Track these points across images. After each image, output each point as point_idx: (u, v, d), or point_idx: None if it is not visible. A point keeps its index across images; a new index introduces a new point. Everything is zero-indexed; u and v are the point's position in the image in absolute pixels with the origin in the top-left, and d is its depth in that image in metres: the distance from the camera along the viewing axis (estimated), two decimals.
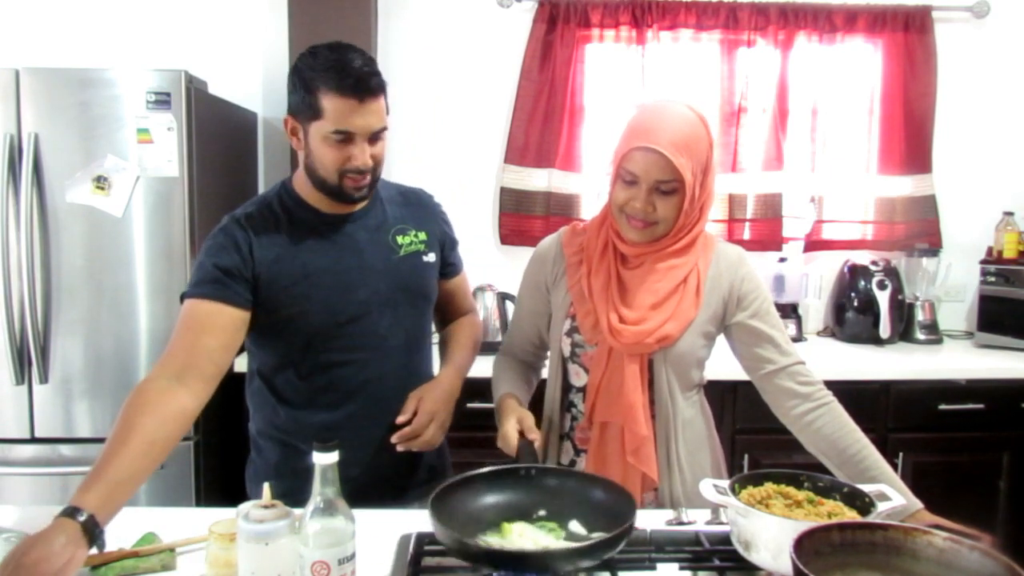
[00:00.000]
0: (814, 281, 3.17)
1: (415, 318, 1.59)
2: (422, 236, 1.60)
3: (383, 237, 1.55)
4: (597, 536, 1.15)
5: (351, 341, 1.50)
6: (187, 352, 1.38)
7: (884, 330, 2.97)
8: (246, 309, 1.44)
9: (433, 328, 1.73)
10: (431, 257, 1.60)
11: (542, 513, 1.25)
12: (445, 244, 1.66)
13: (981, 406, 2.64)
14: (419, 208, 1.65)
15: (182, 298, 1.46)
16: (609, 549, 1.09)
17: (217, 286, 1.42)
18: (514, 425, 1.42)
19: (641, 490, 1.48)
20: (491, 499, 1.26)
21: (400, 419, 1.48)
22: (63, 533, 1.07)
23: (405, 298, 1.55)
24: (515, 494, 1.26)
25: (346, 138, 1.40)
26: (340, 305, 1.48)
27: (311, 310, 1.47)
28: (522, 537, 1.18)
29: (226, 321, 1.42)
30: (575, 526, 1.22)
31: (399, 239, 1.56)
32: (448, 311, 1.75)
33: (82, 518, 1.09)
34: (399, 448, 1.48)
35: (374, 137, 1.43)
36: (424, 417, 1.49)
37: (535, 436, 1.41)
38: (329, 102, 1.38)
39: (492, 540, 1.17)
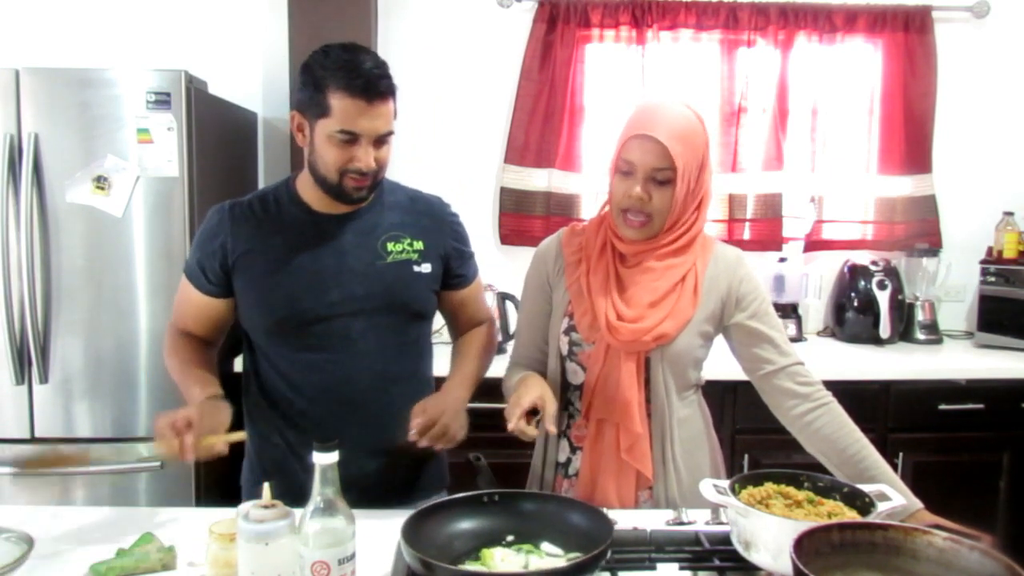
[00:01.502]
0: (814, 281, 3.17)
1: (395, 326, 1.55)
2: (417, 245, 1.56)
3: (371, 241, 1.53)
4: (574, 556, 1.15)
5: (318, 340, 1.49)
6: (183, 323, 1.59)
7: (884, 330, 2.97)
8: (221, 298, 1.55)
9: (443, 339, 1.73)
10: (425, 268, 1.56)
11: (510, 539, 1.23)
12: (451, 256, 1.62)
13: (981, 406, 2.64)
14: (426, 217, 1.61)
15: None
16: (595, 563, 1.09)
17: (200, 274, 1.54)
18: (530, 402, 1.34)
19: (636, 488, 1.49)
20: (455, 528, 1.24)
21: (411, 437, 1.42)
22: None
23: (384, 304, 1.53)
24: (480, 521, 1.25)
25: (351, 139, 1.40)
26: (308, 303, 1.48)
27: (278, 304, 1.48)
28: (504, 562, 1.17)
29: (205, 307, 1.56)
30: (549, 548, 1.22)
31: (389, 245, 1.54)
32: (459, 322, 1.72)
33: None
34: (421, 444, 1.41)
35: (379, 140, 1.43)
36: (430, 420, 1.44)
37: (552, 429, 1.35)
38: (337, 101, 1.38)
39: (478, 568, 1.16)
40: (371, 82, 1.38)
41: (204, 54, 2.97)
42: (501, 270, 2.90)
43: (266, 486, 1.10)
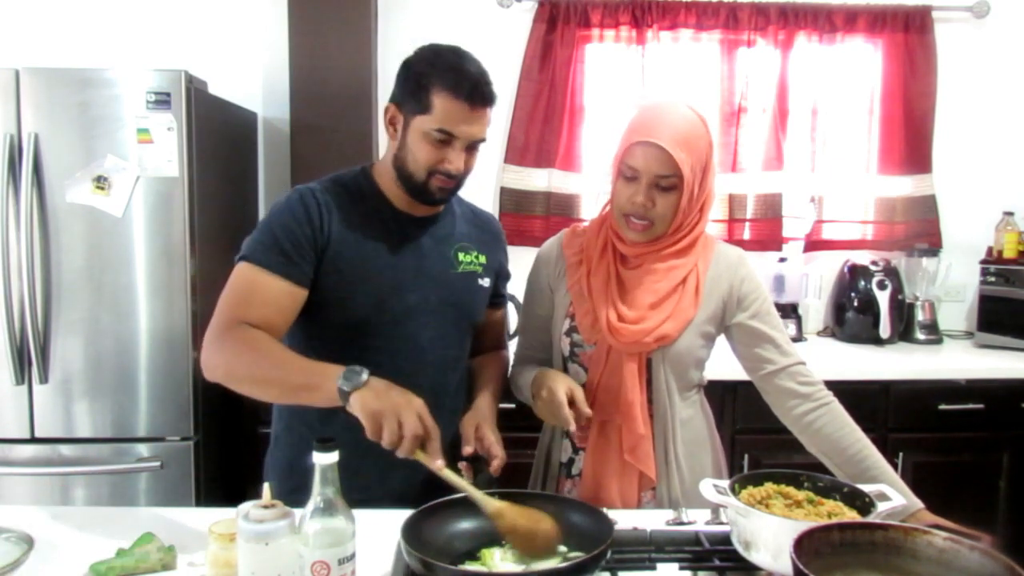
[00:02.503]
0: (814, 281, 3.17)
1: (456, 336, 1.55)
2: (482, 259, 1.57)
3: (446, 249, 1.52)
4: (574, 556, 1.15)
5: (389, 343, 1.45)
6: (248, 321, 1.35)
7: (884, 330, 2.97)
8: (306, 288, 1.40)
9: None
10: (486, 282, 1.57)
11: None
12: (500, 275, 1.64)
13: (981, 406, 2.64)
14: (486, 232, 1.62)
15: (238, 259, 1.40)
16: (595, 563, 1.09)
17: (282, 258, 1.38)
18: (565, 391, 1.37)
19: (639, 489, 1.49)
20: (455, 528, 1.23)
21: (467, 451, 1.42)
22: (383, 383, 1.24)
23: (452, 314, 1.52)
24: (480, 521, 1.23)
25: (446, 139, 1.39)
26: (388, 303, 1.44)
27: (358, 301, 1.43)
28: (504, 562, 1.17)
29: (284, 298, 1.38)
30: None
31: (460, 255, 1.54)
32: (482, 342, 1.69)
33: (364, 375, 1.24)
34: (496, 469, 1.40)
35: (471, 146, 1.43)
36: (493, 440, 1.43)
37: (590, 412, 1.38)
38: (440, 101, 1.37)
39: (478, 568, 1.15)
40: (477, 87, 1.38)
41: (204, 54, 2.97)
42: None
43: (266, 486, 1.10)
